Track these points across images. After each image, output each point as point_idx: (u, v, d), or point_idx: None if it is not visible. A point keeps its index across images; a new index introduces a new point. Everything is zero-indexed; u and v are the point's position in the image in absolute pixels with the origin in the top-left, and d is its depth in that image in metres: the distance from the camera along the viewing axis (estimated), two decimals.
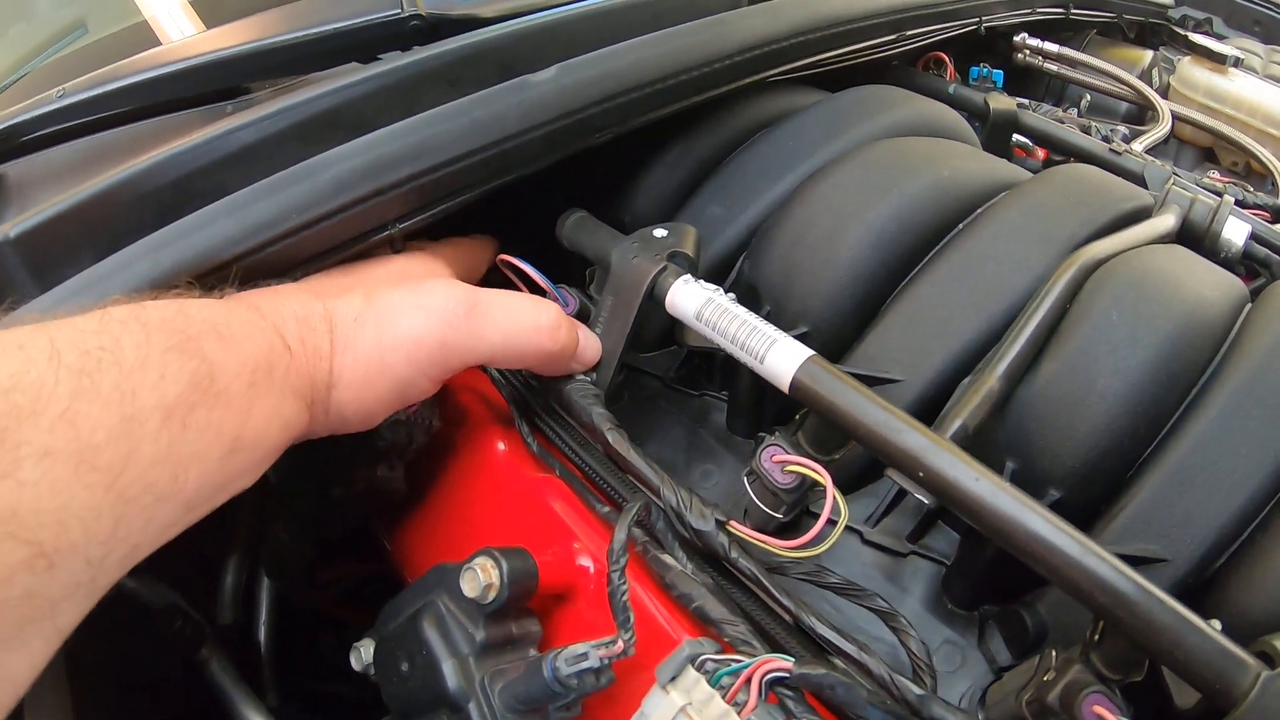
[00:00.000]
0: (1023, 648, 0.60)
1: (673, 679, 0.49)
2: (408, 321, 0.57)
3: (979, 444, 0.59)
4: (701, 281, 0.64)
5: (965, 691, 0.60)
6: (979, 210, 0.75)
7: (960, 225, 0.74)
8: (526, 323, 0.61)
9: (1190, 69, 1.37)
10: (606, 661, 0.50)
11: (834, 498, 0.53)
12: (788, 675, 0.47)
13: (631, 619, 0.50)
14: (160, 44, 1.01)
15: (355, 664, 0.63)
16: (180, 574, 0.76)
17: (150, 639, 0.72)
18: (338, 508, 0.71)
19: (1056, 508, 0.59)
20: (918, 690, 0.50)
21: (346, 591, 1.02)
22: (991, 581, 0.62)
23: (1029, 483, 0.62)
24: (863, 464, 0.67)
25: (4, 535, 0.36)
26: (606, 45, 0.75)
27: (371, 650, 0.62)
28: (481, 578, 0.54)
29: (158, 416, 0.43)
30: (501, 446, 0.70)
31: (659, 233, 0.68)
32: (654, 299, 0.65)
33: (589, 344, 0.67)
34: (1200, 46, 1.35)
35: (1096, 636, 0.51)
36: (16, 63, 1.17)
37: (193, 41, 0.95)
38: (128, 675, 0.72)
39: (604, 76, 0.72)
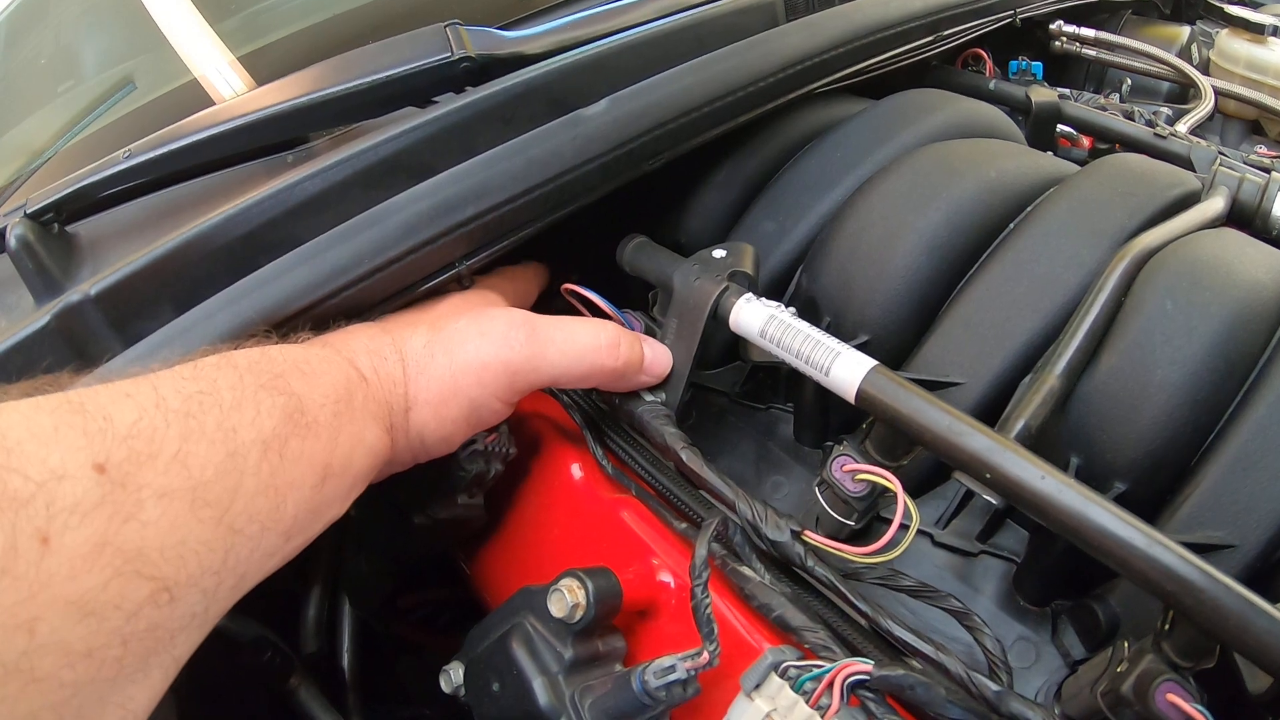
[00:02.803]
0: (1096, 641, 0.62)
1: (757, 686, 0.51)
2: (474, 347, 0.61)
3: (1042, 442, 0.60)
4: (763, 299, 0.66)
5: (1041, 687, 0.62)
6: (1028, 209, 0.77)
7: (1010, 225, 0.75)
8: (585, 342, 0.64)
9: (1229, 41, 1.36)
10: (693, 673, 0.52)
11: (905, 503, 0.54)
12: (868, 678, 0.49)
13: (715, 630, 0.52)
14: (212, 102, 1.04)
15: (445, 686, 0.65)
16: (265, 608, 0.80)
17: (241, 671, 0.76)
18: (419, 537, 0.74)
19: (1122, 500, 0.61)
20: (995, 687, 0.51)
21: (426, 618, 1.06)
22: (1062, 576, 0.64)
23: (1094, 477, 0.63)
24: (930, 467, 0.69)
25: (131, 573, 0.39)
26: (652, 74, 0.78)
27: (461, 672, 0.64)
28: (568, 598, 0.57)
29: (257, 450, 0.46)
30: (577, 470, 0.72)
31: (718, 253, 0.70)
32: (718, 319, 0.67)
33: (657, 356, 0.69)
34: (1237, 18, 1.34)
35: (1167, 625, 0.52)
36: (69, 122, 1.20)
37: (251, 97, 0.98)
38: (222, 707, 0.76)
39: (653, 105, 0.74)
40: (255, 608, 0.79)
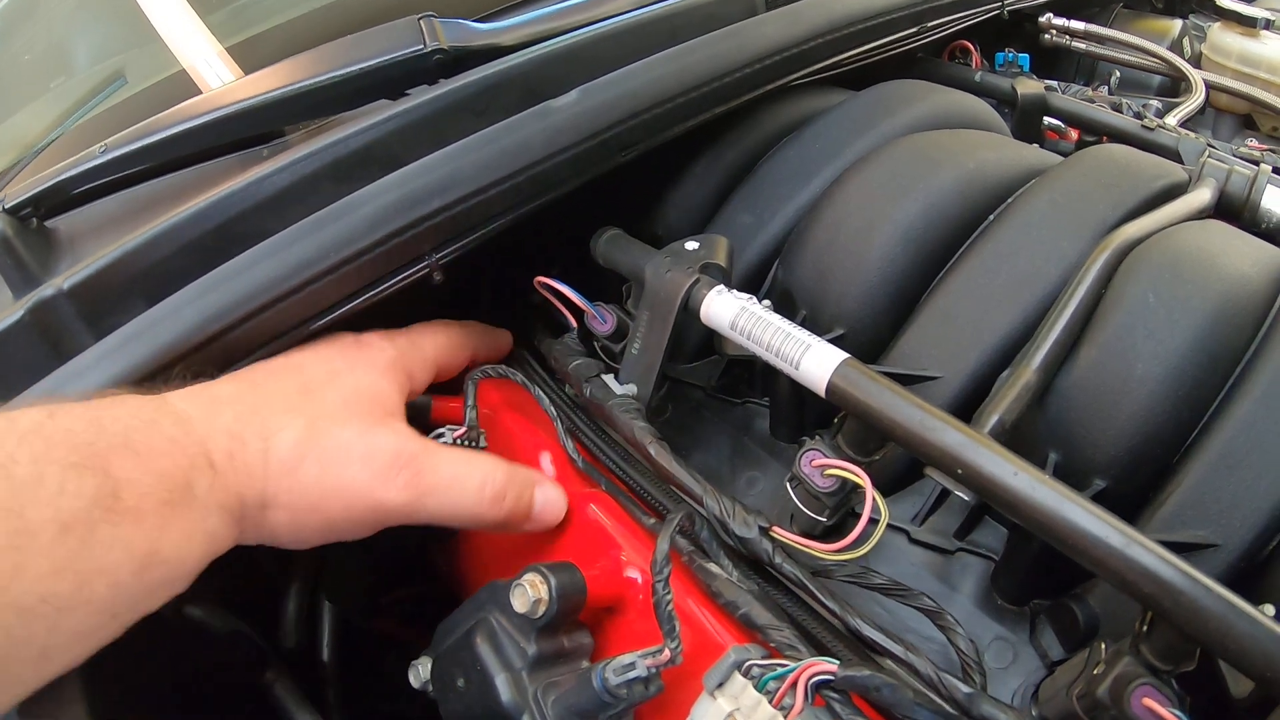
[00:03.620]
0: (1075, 641, 0.60)
1: (720, 685, 0.50)
2: (350, 474, 0.57)
3: (1020, 437, 0.59)
4: (735, 291, 0.64)
5: (1018, 688, 0.60)
6: (1008, 200, 0.75)
7: (990, 217, 0.74)
8: (470, 492, 0.61)
9: (1221, 35, 1.35)
10: (654, 670, 0.51)
11: (873, 498, 0.53)
12: (833, 678, 0.48)
13: (677, 628, 0.51)
14: (200, 92, 1.04)
15: (414, 681, 0.65)
16: (244, 603, 0.79)
17: (215, 664, 0.75)
18: (392, 532, 0.72)
19: (1101, 498, 0.59)
20: (966, 689, 0.50)
21: (409, 613, 1.05)
22: (1041, 575, 0.62)
23: (1073, 474, 0.62)
24: (905, 463, 0.67)
25: None
26: (627, 64, 0.76)
27: (429, 668, 0.64)
28: (531, 593, 0.55)
29: (52, 530, 0.43)
30: (547, 462, 0.71)
31: (690, 245, 0.69)
32: (689, 311, 0.66)
33: (548, 504, 0.65)
34: (1229, 11, 1.33)
35: (1145, 627, 0.50)
36: (60, 117, 1.20)
37: (225, 91, 0.98)
38: (194, 700, 0.75)
39: (625, 96, 0.73)
40: (234, 602, 0.79)
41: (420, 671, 0.65)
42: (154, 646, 0.65)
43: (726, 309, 0.63)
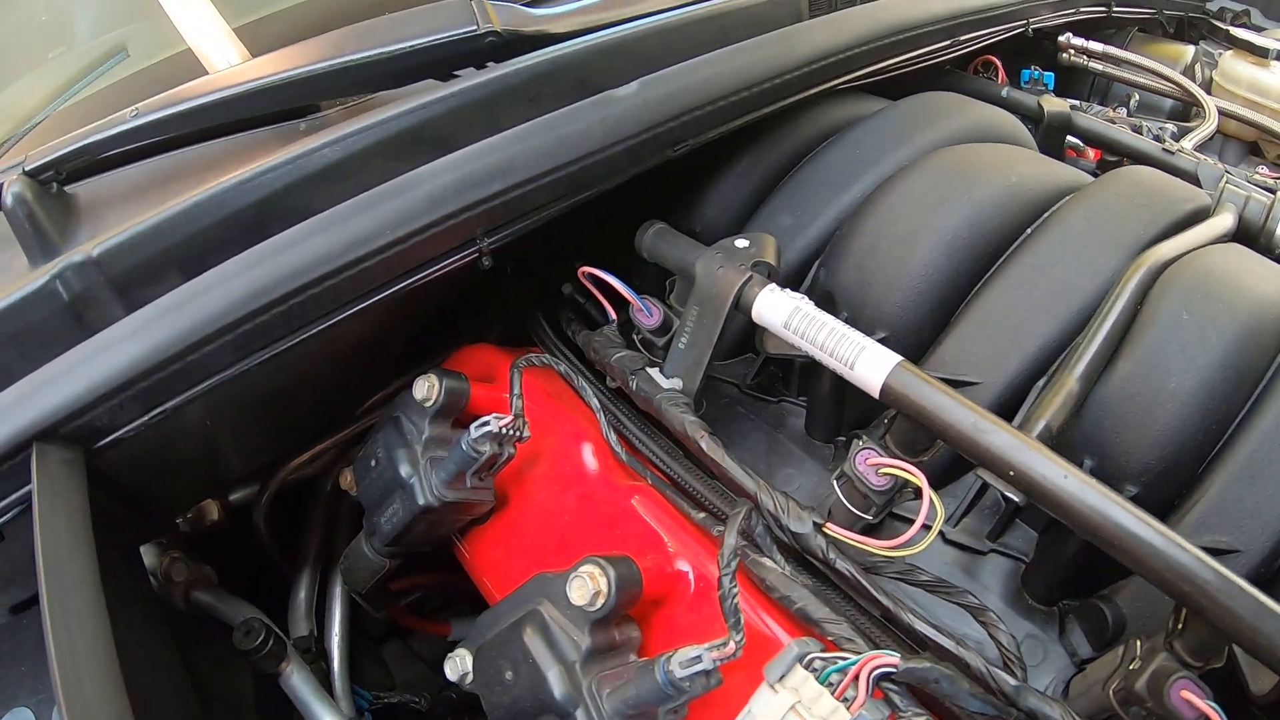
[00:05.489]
0: (1103, 640, 0.62)
1: (781, 678, 0.50)
2: None
3: (1058, 443, 0.61)
4: (788, 290, 0.66)
5: (1048, 684, 0.63)
6: (1045, 214, 0.77)
7: (1028, 230, 0.76)
8: None
9: (1232, 63, 1.38)
10: (718, 663, 0.51)
11: (930, 499, 0.55)
12: (894, 670, 0.49)
13: (742, 621, 0.51)
14: (205, 71, 1.01)
15: (451, 673, 0.63)
16: (248, 592, 0.79)
17: (232, 652, 0.74)
18: (424, 521, 0.72)
19: (1133, 503, 0.61)
20: (1013, 681, 0.52)
21: (415, 602, 1.04)
22: (1071, 577, 0.65)
23: (1106, 479, 0.62)
24: (943, 466, 0.69)
25: None
26: (678, 60, 0.77)
27: (469, 660, 0.62)
28: (590, 585, 0.55)
29: None
30: (589, 454, 0.72)
31: (741, 243, 0.70)
32: (739, 308, 0.67)
33: None
34: (1242, 41, 1.36)
35: (1180, 625, 0.53)
36: (60, 88, 1.16)
37: (264, 61, 0.96)
38: (209, 688, 0.73)
39: (684, 91, 0.74)
40: (241, 591, 0.78)
41: (459, 663, 0.63)
42: (167, 637, 0.65)
43: (780, 308, 0.64)
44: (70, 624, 0.48)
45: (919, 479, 0.56)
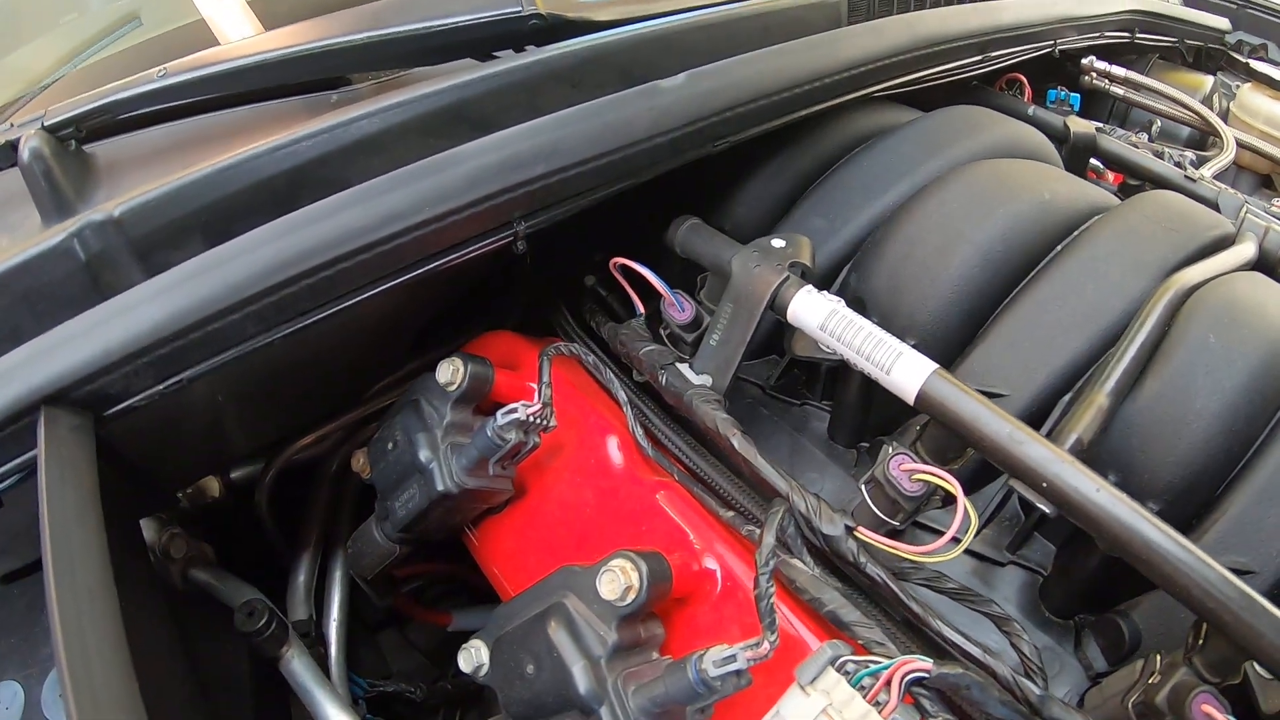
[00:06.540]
0: (1119, 654, 0.63)
1: (813, 680, 0.50)
2: None
3: (1085, 458, 0.61)
4: (825, 293, 0.66)
5: (1064, 696, 0.63)
6: (1075, 233, 0.78)
7: (1058, 247, 0.77)
8: None
9: (1250, 95, 1.40)
10: (751, 663, 0.50)
11: (965, 507, 0.55)
12: (927, 675, 0.49)
13: (777, 621, 0.51)
14: (217, 42, 1.00)
15: (465, 665, 0.61)
16: (247, 575, 0.77)
17: (229, 633, 0.73)
18: (441, 508, 0.71)
19: None
20: (1038, 690, 0.52)
21: (416, 590, 1.03)
22: (1089, 591, 0.65)
23: (1130, 495, 0.64)
24: (968, 476, 0.69)
25: None
26: (720, 56, 0.77)
27: (485, 651, 0.61)
28: (621, 579, 0.54)
29: None
30: (614, 448, 0.71)
31: (777, 243, 0.70)
32: (774, 308, 0.67)
33: None
34: (1261, 74, 1.37)
35: (1200, 641, 0.53)
36: (68, 55, 1.15)
37: (297, 29, 0.94)
38: (208, 671, 0.72)
39: (731, 86, 0.74)
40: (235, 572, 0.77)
41: (474, 654, 0.61)
42: (166, 620, 0.63)
43: (817, 310, 0.64)
44: (78, 596, 0.46)
45: (954, 486, 0.56)
